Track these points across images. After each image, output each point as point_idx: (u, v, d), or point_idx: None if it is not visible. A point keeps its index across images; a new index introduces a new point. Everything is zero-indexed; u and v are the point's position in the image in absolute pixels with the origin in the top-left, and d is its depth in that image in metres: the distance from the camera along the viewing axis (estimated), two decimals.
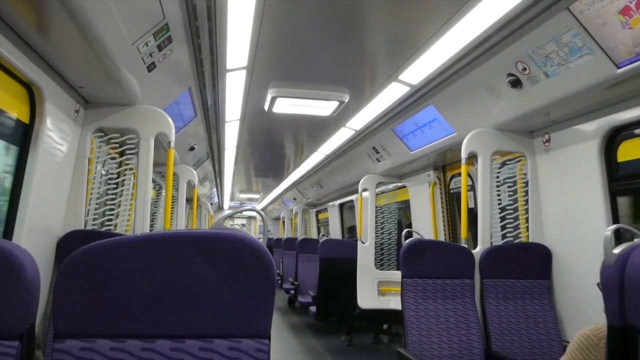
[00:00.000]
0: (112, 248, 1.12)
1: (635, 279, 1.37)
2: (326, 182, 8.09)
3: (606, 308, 1.48)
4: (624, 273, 1.41)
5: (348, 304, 5.52)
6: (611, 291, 1.44)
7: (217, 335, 1.15)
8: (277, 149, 6.81)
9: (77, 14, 1.82)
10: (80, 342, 1.10)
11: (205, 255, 1.13)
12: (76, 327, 1.11)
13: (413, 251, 3.12)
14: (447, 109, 3.65)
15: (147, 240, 1.13)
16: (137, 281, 1.12)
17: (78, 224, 2.81)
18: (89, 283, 1.10)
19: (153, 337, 1.13)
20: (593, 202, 2.83)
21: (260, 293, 1.16)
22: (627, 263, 1.41)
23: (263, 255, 1.15)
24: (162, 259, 1.12)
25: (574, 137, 2.99)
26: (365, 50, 3.08)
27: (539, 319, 3.07)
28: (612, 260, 1.46)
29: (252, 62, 3.23)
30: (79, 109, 2.79)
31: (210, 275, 1.14)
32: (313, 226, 11.41)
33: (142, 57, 2.50)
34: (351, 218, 9.13)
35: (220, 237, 1.14)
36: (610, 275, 1.45)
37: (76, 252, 1.10)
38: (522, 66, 2.68)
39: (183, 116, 4.12)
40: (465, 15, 2.46)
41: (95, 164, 3.06)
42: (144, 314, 1.12)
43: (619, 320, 1.42)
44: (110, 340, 1.11)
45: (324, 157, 6.61)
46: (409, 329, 2.96)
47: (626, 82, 2.32)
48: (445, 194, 4.96)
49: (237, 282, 1.14)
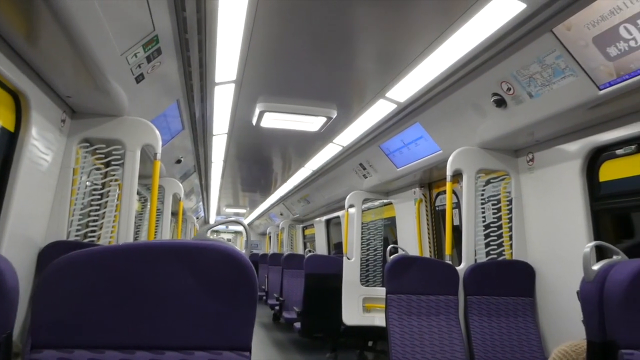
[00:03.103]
0: (93, 257, 1.10)
1: (614, 295, 1.39)
2: (313, 197, 8.09)
3: (586, 324, 1.49)
4: (604, 289, 1.43)
5: (333, 320, 5.49)
6: (591, 307, 1.46)
7: (197, 347, 1.14)
8: (264, 164, 6.81)
9: (67, 23, 1.82)
10: (58, 353, 1.08)
11: (186, 265, 1.12)
12: (54, 337, 1.09)
13: (398, 267, 3.12)
14: (433, 126, 3.69)
15: (128, 249, 1.12)
16: (117, 291, 1.10)
17: (60, 234, 2.78)
18: (69, 292, 1.09)
19: (132, 348, 1.11)
20: (575, 221, 2.87)
21: (242, 305, 1.15)
22: (607, 279, 1.43)
23: (245, 267, 1.14)
24: (142, 268, 1.11)
25: (557, 157, 3.03)
26: (353, 67, 3.12)
27: (522, 336, 3.08)
28: (591, 277, 1.47)
29: (241, 76, 3.24)
30: (66, 119, 2.78)
31: (192, 286, 1.13)
32: (299, 242, 11.36)
33: (130, 68, 2.50)
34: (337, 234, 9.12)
35: (202, 247, 1.13)
36: (589, 291, 1.47)
37: (57, 261, 1.09)
38: (506, 86, 2.73)
39: (171, 128, 4.12)
40: (452, 35, 2.51)
41: (80, 174, 3.03)
42: (123, 324, 1.11)
43: (599, 336, 1.44)
44: (88, 350, 1.09)
45: (311, 173, 6.62)
46: (393, 344, 2.95)
47: (608, 104, 2.37)
48: (430, 211, 4.99)
49: (219, 293, 1.14)
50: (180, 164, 5.44)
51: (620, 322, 1.40)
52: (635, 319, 1.40)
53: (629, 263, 1.45)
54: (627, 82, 2.11)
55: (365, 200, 5.80)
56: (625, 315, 1.40)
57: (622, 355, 1.39)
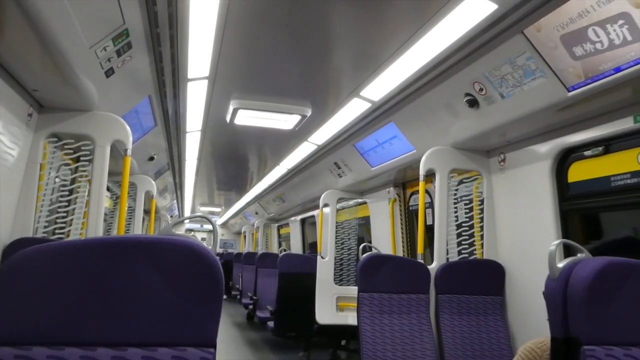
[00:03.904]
0: (53, 251, 1.07)
1: (578, 292, 1.42)
2: (288, 196, 8.07)
3: (550, 320, 1.51)
4: (567, 286, 1.45)
5: (306, 319, 5.48)
6: (555, 304, 1.48)
7: (161, 343, 1.11)
8: (239, 162, 6.76)
9: (32, 15, 1.78)
10: (15, 350, 1.05)
11: (150, 260, 1.10)
12: (12, 333, 1.05)
13: (370, 266, 3.13)
14: (407, 126, 3.71)
15: (90, 244, 1.09)
16: (78, 286, 1.07)
17: (26, 231, 2.71)
18: (28, 287, 1.06)
19: (93, 345, 1.08)
20: (544, 221, 2.91)
21: (206, 300, 1.13)
22: (571, 277, 1.46)
23: (210, 262, 1.12)
24: (104, 263, 1.08)
25: (528, 158, 3.08)
26: (327, 65, 3.11)
27: (491, 335, 3.12)
28: (556, 274, 1.50)
29: (214, 72, 3.21)
30: (33, 113, 2.71)
31: (155, 281, 1.10)
32: (274, 241, 11.32)
33: (100, 61, 2.46)
34: (313, 234, 9.11)
35: (166, 242, 1.11)
36: (554, 288, 1.49)
37: (15, 256, 1.06)
38: (479, 86, 2.76)
39: (142, 125, 4.06)
40: (426, 35, 2.52)
41: (48, 169, 2.96)
42: (85, 320, 1.08)
43: (562, 332, 1.46)
44: (47, 347, 1.06)
45: (286, 171, 6.60)
46: (364, 343, 2.96)
47: (577, 105, 2.41)
48: (404, 210, 5.02)
49: (183, 288, 1.12)
50: (153, 161, 5.37)
51: (583, 319, 1.43)
52: (597, 315, 1.43)
53: (593, 261, 1.47)
54: (594, 84, 2.15)
55: (339, 199, 5.80)
56: (588, 312, 1.42)
57: (584, 351, 1.41)
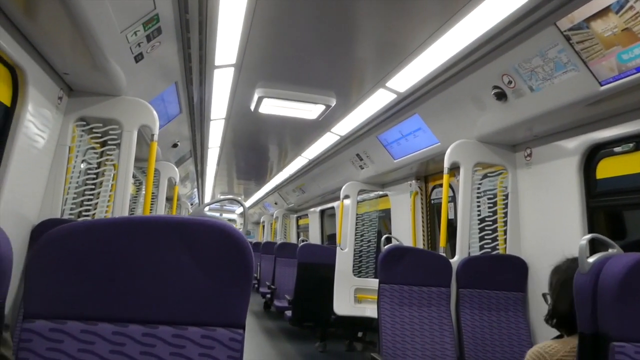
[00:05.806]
0: (90, 228, 1.10)
1: (608, 288, 1.40)
2: (308, 187, 8.08)
3: (578, 316, 1.49)
4: (598, 281, 1.43)
5: (324, 309, 5.50)
6: (584, 299, 1.46)
7: (191, 322, 1.13)
8: (260, 151, 6.78)
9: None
10: (51, 323, 1.07)
11: (183, 240, 1.11)
12: (47, 307, 1.08)
13: (391, 257, 3.12)
14: (432, 118, 3.68)
15: (125, 222, 1.11)
16: (112, 263, 1.10)
17: (54, 212, 2.76)
18: (64, 262, 1.08)
19: (125, 321, 1.11)
20: (571, 218, 2.87)
21: (237, 282, 1.14)
22: (601, 272, 1.44)
23: (242, 244, 1.14)
24: (139, 242, 1.10)
25: (555, 153, 3.03)
26: (354, 55, 3.10)
27: (512, 331, 3.09)
28: (586, 269, 1.48)
29: (241, 60, 3.22)
30: (63, 96, 2.75)
31: (187, 261, 1.12)
32: (293, 231, 11.37)
33: (130, 46, 2.48)
34: (332, 226, 9.12)
35: (200, 223, 1.13)
36: (583, 283, 1.47)
37: (53, 230, 1.08)
38: (507, 79, 2.72)
39: (167, 112, 4.09)
40: (454, 26, 2.49)
41: (75, 153, 3.01)
42: (117, 297, 1.10)
43: (591, 328, 1.44)
44: (81, 322, 1.09)
45: (308, 162, 6.61)
46: (383, 334, 2.96)
47: (608, 100, 2.37)
48: (426, 204, 4.99)
49: (214, 269, 1.13)
50: (176, 149, 5.42)
51: (612, 315, 1.41)
52: (627, 311, 1.41)
53: (625, 256, 1.45)
54: (629, 79, 2.11)
55: (360, 191, 5.79)
56: (618, 308, 1.40)
57: (613, 347, 1.40)
